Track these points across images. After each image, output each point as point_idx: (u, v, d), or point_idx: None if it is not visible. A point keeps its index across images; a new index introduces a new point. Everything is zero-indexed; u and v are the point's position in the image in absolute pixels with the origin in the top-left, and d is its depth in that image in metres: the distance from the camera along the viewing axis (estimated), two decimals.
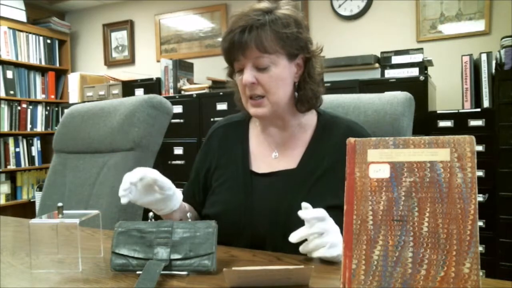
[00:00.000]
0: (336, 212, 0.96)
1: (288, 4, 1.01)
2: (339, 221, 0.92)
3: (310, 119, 1.08)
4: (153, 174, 0.89)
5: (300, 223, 0.82)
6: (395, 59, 2.60)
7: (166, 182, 0.91)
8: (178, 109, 3.06)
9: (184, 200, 1.18)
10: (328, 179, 1.00)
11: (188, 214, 1.03)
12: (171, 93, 3.38)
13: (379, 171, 0.59)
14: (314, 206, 0.90)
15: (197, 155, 1.19)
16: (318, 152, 1.03)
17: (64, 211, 0.87)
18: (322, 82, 1.07)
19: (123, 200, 0.85)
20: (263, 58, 0.96)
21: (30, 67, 4.12)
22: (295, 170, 1.02)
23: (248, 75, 0.96)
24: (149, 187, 0.90)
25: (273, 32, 0.95)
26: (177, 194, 0.95)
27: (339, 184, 0.99)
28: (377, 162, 0.60)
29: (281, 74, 0.98)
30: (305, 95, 1.03)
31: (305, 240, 0.82)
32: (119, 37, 4.33)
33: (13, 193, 4.02)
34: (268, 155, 1.07)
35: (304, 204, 0.81)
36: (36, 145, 4.19)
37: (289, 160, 1.04)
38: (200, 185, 1.14)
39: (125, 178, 0.85)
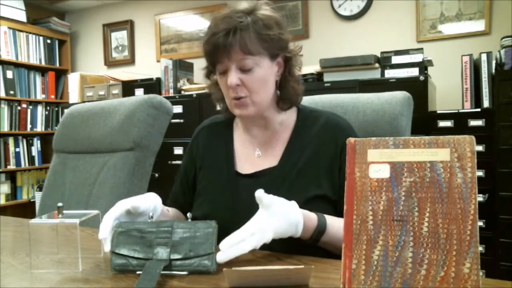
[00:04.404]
0: (319, 203, 0.96)
1: (267, 4, 1.03)
2: (322, 211, 0.92)
3: (291, 116, 1.10)
4: (123, 207, 0.86)
5: None
6: (395, 59, 2.59)
7: (143, 204, 0.87)
8: (178, 109, 3.06)
9: (174, 200, 1.18)
10: (308, 171, 1.01)
11: (188, 215, 1.03)
12: (171, 93, 3.38)
13: (379, 171, 0.59)
14: (296, 199, 0.90)
15: (184, 156, 1.20)
16: (298, 147, 1.05)
17: (64, 211, 0.87)
18: (300, 80, 1.09)
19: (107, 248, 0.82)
20: (247, 60, 0.97)
21: (30, 67, 4.12)
22: (277, 168, 1.03)
23: (233, 78, 0.97)
24: (129, 215, 0.88)
25: (256, 34, 0.96)
26: (157, 206, 0.93)
27: (320, 174, 1.01)
28: (377, 162, 0.60)
29: (265, 74, 1.00)
30: (286, 93, 1.05)
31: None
32: (119, 37, 4.33)
33: (13, 193, 4.02)
34: (252, 154, 1.08)
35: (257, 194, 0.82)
36: (36, 145, 4.19)
37: (271, 158, 1.06)
38: (189, 186, 1.15)
39: (99, 234, 0.82)
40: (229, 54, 0.96)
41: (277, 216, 0.82)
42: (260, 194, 0.82)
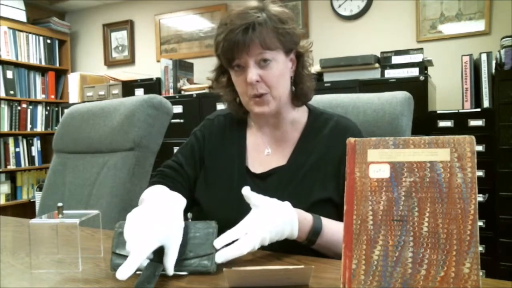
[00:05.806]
0: (324, 205, 0.95)
1: (274, 2, 1.03)
2: (327, 214, 0.92)
3: (301, 116, 1.10)
4: (153, 246, 0.74)
5: None
6: (395, 59, 2.60)
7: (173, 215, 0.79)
8: (178, 109, 3.06)
9: (175, 168, 1.11)
10: (315, 173, 1.01)
11: (189, 215, 1.03)
12: (171, 93, 3.38)
13: (379, 171, 0.59)
14: (301, 201, 0.91)
15: (195, 132, 1.16)
16: (307, 147, 1.05)
17: (64, 211, 0.87)
18: (312, 77, 1.10)
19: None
20: (266, 55, 0.97)
21: (30, 67, 4.12)
22: (285, 167, 1.03)
23: (253, 74, 0.97)
24: None
25: (273, 28, 0.97)
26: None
27: (326, 176, 1.00)
28: (377, 162, 0.60)
29: (282, 69, 1.00)
30: (301, 89, 1.06)
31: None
32: (119, 37, 4.33)
33: (13, 193, 4.02)
34: (262, 152, 1.08)
35: (244, 192, 0.82)
36: (36, 145, 4.19)
37: (280, 158, 1.06)
38: (196, 159, 1.11)
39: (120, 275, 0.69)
40: (249, 49, 0.96)
41: (270, 214, 0.82)
42: (247, 192, 0.82)
